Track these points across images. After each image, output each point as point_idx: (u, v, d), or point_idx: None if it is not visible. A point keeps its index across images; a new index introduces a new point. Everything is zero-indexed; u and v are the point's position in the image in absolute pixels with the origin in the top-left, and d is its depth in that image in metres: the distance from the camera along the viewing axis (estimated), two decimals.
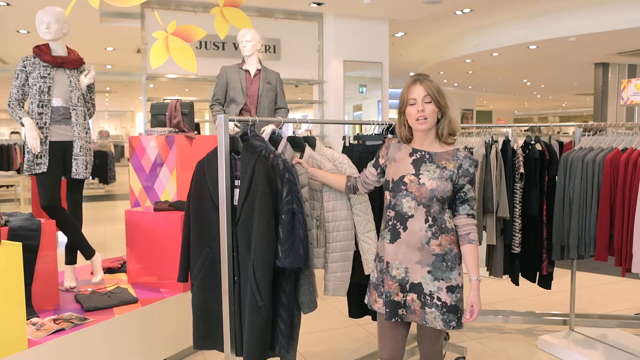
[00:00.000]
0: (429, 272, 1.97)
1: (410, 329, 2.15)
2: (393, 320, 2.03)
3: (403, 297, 2.02)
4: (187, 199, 2.29)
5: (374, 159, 2.19)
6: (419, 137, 2.03)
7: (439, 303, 1.96)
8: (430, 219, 1.95)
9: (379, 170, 2.15)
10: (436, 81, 2.03)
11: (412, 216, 1.97)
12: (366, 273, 2.37)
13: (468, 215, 1.97)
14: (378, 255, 2.10)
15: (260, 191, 2.01)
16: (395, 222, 2.00)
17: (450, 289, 1.96)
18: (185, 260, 2.31)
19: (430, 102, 1.96)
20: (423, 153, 2.01)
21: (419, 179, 1.96)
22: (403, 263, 2.00)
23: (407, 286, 2.01)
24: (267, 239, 2.01)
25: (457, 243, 2.00)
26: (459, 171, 1.95)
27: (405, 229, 1.98)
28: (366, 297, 2.15)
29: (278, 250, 2.04)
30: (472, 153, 3.04)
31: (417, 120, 1.97)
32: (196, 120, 4.33)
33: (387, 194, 2.05)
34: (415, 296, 2.00)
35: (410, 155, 2.03)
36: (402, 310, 2.03)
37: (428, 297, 1.98)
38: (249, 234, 2.06)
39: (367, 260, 2.35)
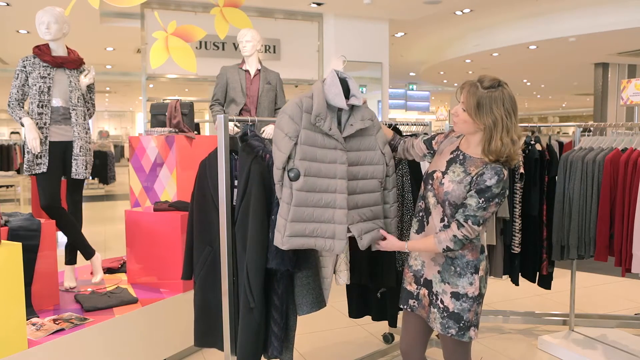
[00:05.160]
0: (438, 271, 1.97)
1: (432, 330, 2.10)
2: (404, 307, 2.09)
3: (417, 289, 2.05)
4: (191, 198, 2.31)
5: (429, 137, 2.16)
6: (466, 136, 1.95)
7: (441, 306, 1.95)
8: (445, 219, 1.92)
9: (428, 151, 2.13)
10: (499, 95, 1.79)
11: (431, 212, 1.97)
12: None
13: (456, 220, 1.85)
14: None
15: (254, 192, 2.02)
16: (423, 214, 2.02)
17: (455, 296, 1.92)
18: (189, 258, 2.34)
19: (465, 111, 1.85)
20: (459, 153, 1.93)
21: (443, 177, 1.92)
22: (421, 256, 2.04)
23: (422, 280, 2.04)
24: (259, 240, 2.01)
25: (471, 250, 1.93)
26: (477, 178, 1.83)
27: (427, 222, 1.99)
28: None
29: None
30: None
31: (453, 120, 1.92)
32: (196, 120, 4.32)
33: (422, 184, 2.05)
34: (426, 292, 2.02)
35: (451, 153, 1.97)
36: (414, 302, 2.06)
37: (434, 297, 1.98)
38: (245, 235, 2.06)
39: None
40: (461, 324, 1.92)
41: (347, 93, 2.04)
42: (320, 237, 1.97)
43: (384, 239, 2.08)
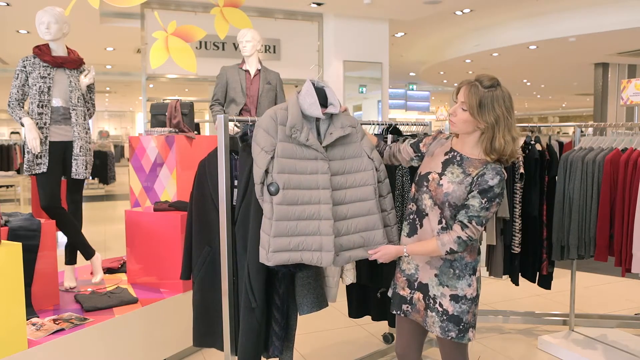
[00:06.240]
0: (435, 275, 1.95)
1: (427, 332, 2.09)
2: (396, 312, 2.06)
3: (410, 293, 2.02)
4: (190, 198, 2.30)
5: (415, 140, 2.14)
6: (460, 137, 1.93)
7: (440, 309, 1.93)
8: (443, 221, 1.90)
9: (415, 155, 2.11)
10: (500, 94, 1.81)
11: (427, 214, 1.94)
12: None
13: (459, 221, 1.84)
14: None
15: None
16: (415, 216, 1.99)
17: (454, 298, 1.91)
18: (187, 259, 2.33)
19: (465, 111, 1.83)
20: (455, 154, 1.92)
21: (440, 179, 1.89)
22: (414, 259, 2.00)
23: (415, 284, 2.01)
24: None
25: (470, 252, 1.92)
26: (478, 179, 1.82)
27: (421, 225, 1.96)
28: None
29: None
30: None
31: (450, 120, 1.90)
32: (196, 120, 4.32)
33: (413, 186, 2.03)
34: (421, 296, 1.99)
35: (445, 154, 1.95)
36: (407, 307, 2.03)
37: (431, 300, 1.96)
38: (245, 235, 2.06)
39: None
40: (461, 326, 1.91)
41: (325, 102, 2.02)
42: (307, 251, 1.94)
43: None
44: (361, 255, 2.03)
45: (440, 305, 1.93)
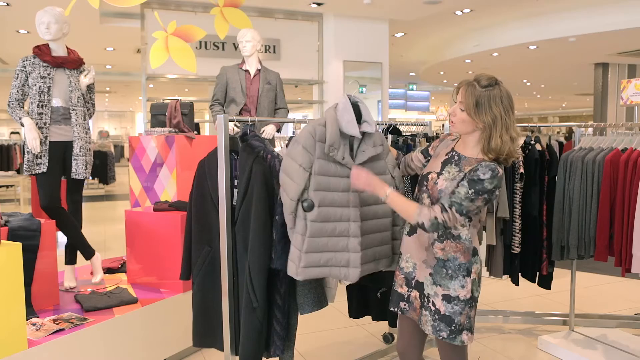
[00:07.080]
0: (430, 274, 1.95)
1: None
2: (394, 309, 2.08)
3: (407, 291, 2.03)
4: (189, 198, 2.31)
5: (425, 146, 2.17)
6: (462, 137, 1.94)
7: (433, 308, 1.93)
8: None
9: (426, 160, 2.13)
10: (497, 93, 1.80)
11: None
12: None
13: (440, 203, 1.82)
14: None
15: (256, 192, 2.02)
16: None
17: (447, 298, 1.90)
18: (187, 259, 2.33)
19: (463, 111, 1.84)
20: (454, 154, 1.92)
21: (438, 178, 1.90)
22: (412, 258, 2.02)
23: (413, 282, 2.02)
24: (262, 240, 2.02)
25: (463, 252, 1.90)
26: (470, 173, 1.81)
27: None
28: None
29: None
30: None
31: (450, 120, 1.91)
32: (196, 120, 4.32)
33: (416, 187, 2.04)
34: (417, 294, 2.00)
35: (446, 154, 1.96)
36: (404, 304, 2.04)
37: (426, 299, 1.96)
38: (246, 235, 2.06)
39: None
40: (452, 327, 1.89)
41: (358, 118, 2.02)
42: (335, 267, 1.97)
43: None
44: (373, 268, 2.08)
45: (433, 304, 1.93)
